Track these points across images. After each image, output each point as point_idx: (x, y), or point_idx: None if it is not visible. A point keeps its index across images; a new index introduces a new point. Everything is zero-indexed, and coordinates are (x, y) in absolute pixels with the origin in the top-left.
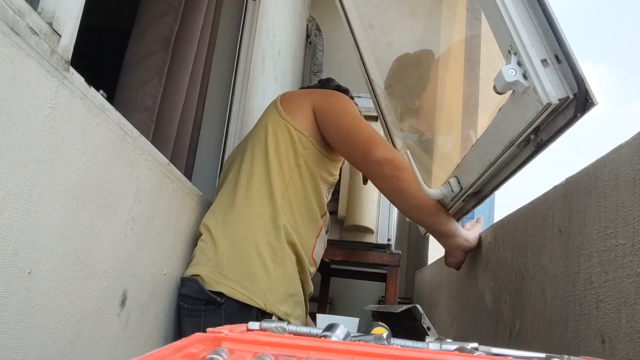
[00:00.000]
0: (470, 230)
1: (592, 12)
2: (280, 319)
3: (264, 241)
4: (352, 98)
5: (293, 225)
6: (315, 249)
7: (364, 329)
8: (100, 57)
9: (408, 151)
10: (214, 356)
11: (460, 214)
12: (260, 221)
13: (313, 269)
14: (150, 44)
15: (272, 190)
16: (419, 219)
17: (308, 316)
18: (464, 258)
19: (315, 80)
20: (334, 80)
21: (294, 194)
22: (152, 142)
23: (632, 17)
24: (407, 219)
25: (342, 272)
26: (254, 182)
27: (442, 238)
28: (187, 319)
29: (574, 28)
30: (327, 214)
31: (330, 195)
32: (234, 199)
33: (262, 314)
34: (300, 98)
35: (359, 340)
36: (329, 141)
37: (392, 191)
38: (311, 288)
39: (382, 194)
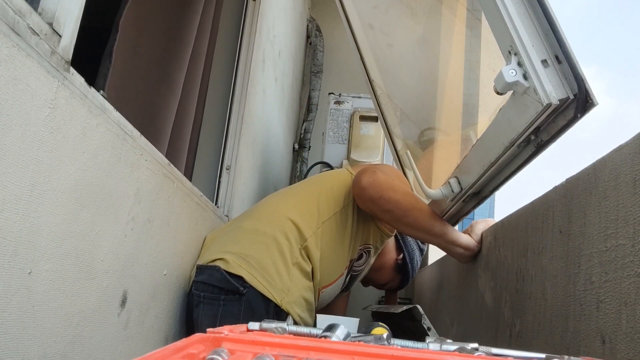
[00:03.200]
0: (472, 233)
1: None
2: (294, 322)
3: (288, 246)
4: None
5: (315, 252)
6: (327, 289)
7: (364, 330)
8: (101, 57)
9: (408, 152)
10: (214, 356)
11: (460, 215)
12: (291, 228)
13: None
14: (112, 30)
15: (320, 213)
16: (415, 235)
17: None
18: (469, 260)
19: (316, 80)
20: None
21: (332, 226)
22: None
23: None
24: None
25: None
26: (305, 197)
27: (443, 249)
28: (203, 307)
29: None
30: (344, 273)
31: (362, 263)
32: (279, 199)
33: (278, 312)
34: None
35: (359, 341)
36: None
37: (384, 213)
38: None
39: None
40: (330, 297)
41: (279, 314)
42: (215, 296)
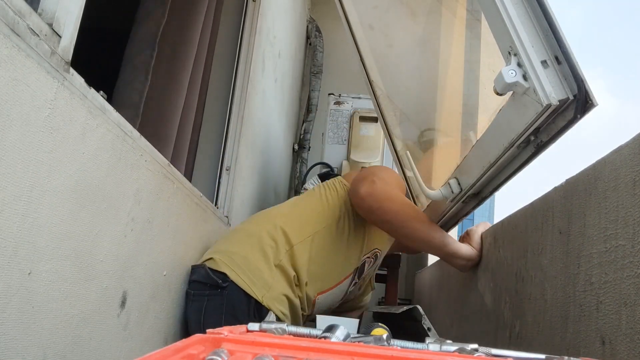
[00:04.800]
0: (472, 241)
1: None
2: (277, 318)
3: (272, 247)
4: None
5: (300, 258)
6: (323, 295)
7: (364, 330)
8: (100, 57)
9: (408, 152)
10: (214, 357)
11: (460, 215)
12: (278, 232)
13: (307, 310)
14: (138, 42)
15: (315, 223)
16: (415, 245)
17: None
18: (470, 269)
19: (315, 81)
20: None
21: (326, 236)
22: (152, 143)
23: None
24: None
25: None
26: (301, 206)
27: (443, 260)
28: (191, 304)
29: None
30: (344, 282)
31: (371, 269)
32: (277, 207)
33: (259, 308)
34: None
35: (359, 342)
36: None
37: (382, 223)
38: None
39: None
40: (330, 304)
41: (260, 310)
42: (201, 292)
